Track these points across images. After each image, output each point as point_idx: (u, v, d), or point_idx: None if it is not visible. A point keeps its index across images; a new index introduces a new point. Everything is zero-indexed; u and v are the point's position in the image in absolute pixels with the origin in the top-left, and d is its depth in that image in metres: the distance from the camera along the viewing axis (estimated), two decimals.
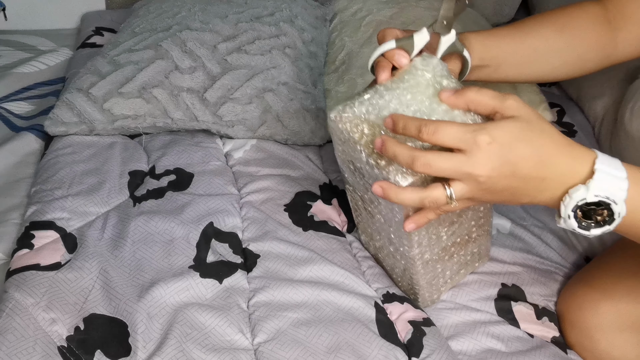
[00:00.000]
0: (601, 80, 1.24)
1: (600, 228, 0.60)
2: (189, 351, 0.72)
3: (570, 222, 0.60)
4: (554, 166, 0.59)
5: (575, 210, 0.59)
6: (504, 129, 0.57)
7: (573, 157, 0.59)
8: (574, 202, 0.58)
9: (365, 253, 0.90)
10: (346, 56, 1.22)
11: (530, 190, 0.60)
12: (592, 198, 0.57)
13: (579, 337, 0.80)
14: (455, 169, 0.58)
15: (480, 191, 0.60)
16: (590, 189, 0.57)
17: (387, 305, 0.82)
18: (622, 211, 0.58)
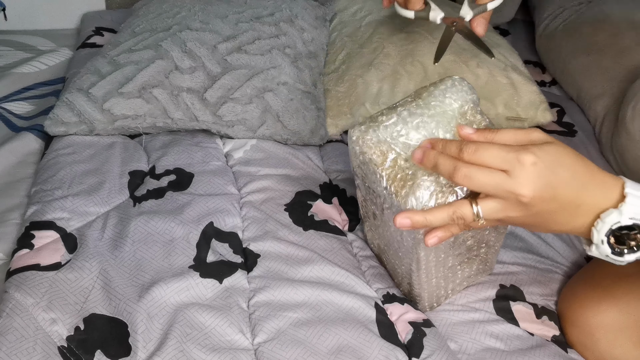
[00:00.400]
0: (602, 80, 1.24)
1: (634, 254, 0.59)
2: (189, 351, 0.72)
3: (604, 248, 0.59)
4: (590, 192, 0.58)
5: (608, 235, 0.58)
6: (546, 150, 0.57)
7: (604, 183, 0.59)
8: (607, 226, 0.58)
9: (366, 252, 0.90)
10: (346, 56, 1.22)
11: (565, 216, 0.59)
12: (627, 221, 0.57)
13: (579, 336, 0.80)
14: (497, 186, 0.57)
15: (515, 212, 0.59)
16: (624, 213, 0.57)
17: (387, 306, 0.82)
18: None
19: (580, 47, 1.31)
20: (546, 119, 1.18)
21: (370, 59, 1.18)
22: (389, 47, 1.19)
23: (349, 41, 1.25)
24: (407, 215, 0.61)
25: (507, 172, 0.57)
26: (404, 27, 1.23)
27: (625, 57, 1.23)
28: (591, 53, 1.29)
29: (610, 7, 1.34)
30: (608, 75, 1.23)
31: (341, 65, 1.21)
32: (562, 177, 0.57)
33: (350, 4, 1.36)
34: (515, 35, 1.56)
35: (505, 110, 1.15)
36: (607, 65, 1.24)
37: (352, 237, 0.92)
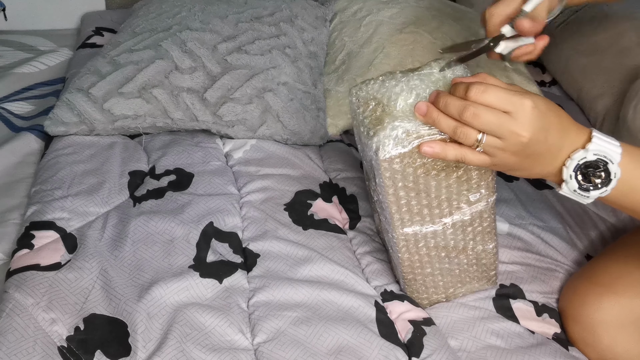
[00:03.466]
0: (601, 80, 1.24)
1: (598, 190, 0.65)
2: (189, 351, 0.72)
3: (572, 183, 0.65)
4: (569, 138, 0.65)
5: (576, 170, 0.65)
6: (539, 98, 0.64)
7: (579, 129, 0.66)
8: (575, 162, 0.65)
9: (365, 249, 0.90)
10: (346, 56, 1.22)
11: (549, 158, 0.66)
12: (591, 157, 0.64)
13: (581, 333, 0.80)
14: (501, 124, 0.63)
15: (512, 150, 0.64)
16: (590, 150, 0.64)
17: (387, 304, 0.82)
18: (617, 172, 0.65)
19: (581, 48, 1.31)
20: None
21: (370, 59, 1.18)
22: (389, 47, 1.19)
23: (349, 41, 1.25)
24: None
25: (509, 113, 0.62)
26: (403, 28, 1.23)
27: (626, 57, 1.23)
28: (591, 53, 1.29)
29: (611, 7, 1.34)
30: (608, 75, 1.23)
31: (341, 65, 1.21)
32: (553, 122, 0.64)
33: (350, 4, 1.36)
34: None
35: None
36: (608, 66, 1.24)
37: (351, 235, 0.92)
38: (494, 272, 0.85)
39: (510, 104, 0.62)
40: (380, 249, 0.90)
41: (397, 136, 0.67)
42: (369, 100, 0.72)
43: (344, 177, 1.03)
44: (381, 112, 0.70)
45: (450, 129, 0.65)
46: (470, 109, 0.63)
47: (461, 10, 1.35)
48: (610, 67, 1.24)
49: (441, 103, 0.65)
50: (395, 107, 0.70)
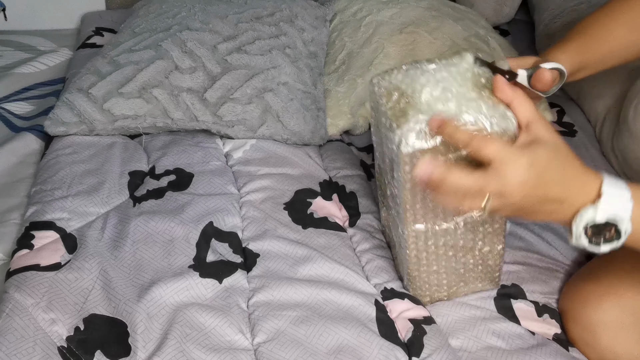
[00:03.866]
0: (602, 80, 1.24)
1: (609, 244, 0.64)
2: (189, 351, 0.72)
3: (582, 240, 0.64)
4: (573, 190, 0.64)
5: (585, 229, 0.64)
6: (540, 154, 0.63)
7: (586, 180, 0.64)
8: (584, 222, 0.63)
9: (365, 246, 0.89)
10: (346, 56, 1.22)
11: (549, 211, 0.65)
12: (600, 219, 0.63)
13: (581, 333, 0.80)
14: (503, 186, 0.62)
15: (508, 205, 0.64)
16: (599, 211, 0.62)
17: (387, 303, 0.81)
18: (627, 229, 0.63)
19: None
20: (546, 118, 1.18)
21: (370, 59, 1.18)
22: (389, 47, 1.19)
23: (349, 41, 1.25)
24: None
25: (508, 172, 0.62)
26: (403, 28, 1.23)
27: None
28: None
29: None
30: (608, 75, 1.23)
31: (341, 65, 1.21)
32: (552, 178, 0.63)
33: (350, 4, 1.36)
34: (515, 35, 1.56)
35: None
36: None
37: (352, 232, 0.92)
38: (498, 273, 0.85)
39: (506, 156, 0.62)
40: (380, 245, 0.90)
41: (420, 130, 0.66)
42: (392, 91, 0.71)
43: (344, 175, 1.03)
44: (405, 104, 0.69)
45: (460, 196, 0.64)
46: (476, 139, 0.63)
47: (461, 10, 1.36)
48: None
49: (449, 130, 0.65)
50: (420, 99, 0.68)
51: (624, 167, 1.12)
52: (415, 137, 0.66)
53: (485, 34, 1.27)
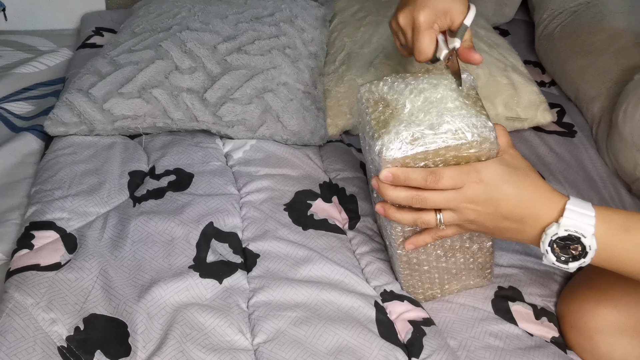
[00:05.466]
0: (598, 81, 1.24)
1: (577, 261, 0.67)
2: (189, 351, 0.72)
3: (550, 257, 0.68)
4: (532, 209, 0.67)
5: (551, 245, 0.67)
6: (493, 170, 0.67)
7: (550, 200, 0.67)
8: (549, 237, 0.67)
9: (365, 248, 0.90)
10: (346, 56, 1.22)
11: (511, 228, 0.69)
12: (563, 232, 0.66)
13: (579, 338, 0.80)
14: (448, 201, 0.68)
15: (467, 222, 0.69)
16: (561, 225, 0.66)
17: (386, 304, 0.82)
18: (592, 244, 0.66)
19: (578, 48, 1.31)
20: (546, 119, 1.18)
21: (370, 59, 1.18)
22: (389, 47, 1.19)
23: (349, 41, 1.25)
24: (383, 205, 0.72)
25: (458, 189, 0.67)
26: None
27: (623, 58, 1.23)
28: (588, 54, 1.28)
29: (609, 8, 1.34)
30: (604, 76, 1.23)
31: (341, 66, 1.21)
32: (505, 193, 0.67)
33: (350, 4, 1.36)
34: (515, 35, 1.56)
35: (505, 110, 1.15)
36: (604, 67, 1.24)
37: (351, 235, 0.92)
38: (489, 270, 0.85)
39: (459, 182, 0.67)
40: (380, 248, 0.90)
41: (401, 140, 0.68)
42: (377, 102, 0.73)
43: (344, 177, 1.03)
44: (388, 115, 0.71)
45: (411, 221, 0.71)
46: (416, 197, 0.68)
47: None
48: (606, 68, 1.24)
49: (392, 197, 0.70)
50: (402, 110, 0.71)
51: (617, 167, 1.12)
52: (396, 146, 0.68)
53: (485, 34, 1.27)
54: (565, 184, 1.08)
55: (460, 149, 0.68)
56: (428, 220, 0.70)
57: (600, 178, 1.12)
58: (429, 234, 0.74)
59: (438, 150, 0.68)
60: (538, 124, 1.19)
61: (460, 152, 0.68)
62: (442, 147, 0.68)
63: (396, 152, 0.68)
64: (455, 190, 0.67)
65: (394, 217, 0.72)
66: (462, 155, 0.69)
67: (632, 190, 1.10)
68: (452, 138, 0.68)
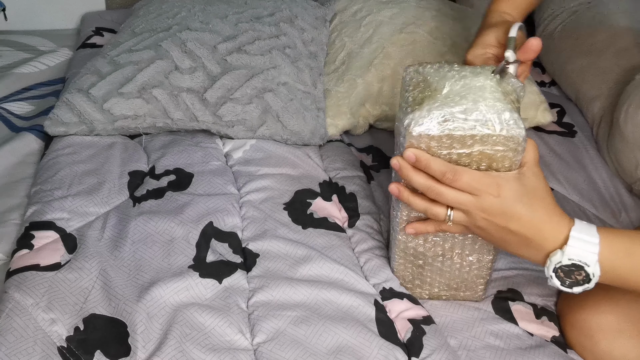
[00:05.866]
0: (598, 81, 1.24)
1: (581, 286, 0.69)
2: (189, 351, 0.72)
3: (554, 282, 0.69)
4: (541, 232, 0.69)
5: (555, 271, 0.69)
6: (511, 187, 0.68)
7: (558, 224, 0.69)
8: (553, 264, 0.68)
9: (364, 246, 0.90)
10: (346, 56, 1.22)
11: (516, 244, 0.70)
12: (567, 262, 0.67)
13: (579, 337, 0.80)
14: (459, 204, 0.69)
15: (475, 227, 0.71)
16: (565, 254, 0.67)
17: (386, 303, 0.82)
18: (595, 272, 0.67)
19: (579, 49, 1.31)
20: (546, 119, 1.18)
21: (370, 59, 1.18)
22: (389, 47, 1.19)
23: (349, 41, 1.25)
24: (398, 186, 0.73)
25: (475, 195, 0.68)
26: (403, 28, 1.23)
27: (623, 59, 1.23)
28: (589, 54, 1.28)
29: (609, 8, 1.34)
30: (605, 76, 1.23)
31: (341, 65, 1.21)
32: (518, 212, 0.68)
33: (350, 4, 1.36)
34: None
35: None
36: (605, 67, 1.24)
37: (351, 233, 0.92)
38: (483, 287, 0.84)
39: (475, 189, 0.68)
40: (379, 246, 0.90)
41: (431, 118, 0.69)
42: (420, 82, 0.74)
43: (344, 175, 1.03)
44: (426, 95, 0.71)
45: (421, 208, 0.72)
46: (433, 188, 0.69)
47: (461, 10, 1.36)
48: (607, 68, 1.24)
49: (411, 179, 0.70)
50: (440, 92, 0.71)
51: (617, 167, 1.12)
52: (425, 123, 0.68)
53: None
54: (565, 184, 1.08)
55: (487, 141, 0.68)
56: (438, 213, 0.71)
57: (600, 178, 1.11)
58: (432, 224, 0.75)
59: (464, 137, 0.67)
60: (538, 124, 1.19)
61: (486, 147, 0.68)
62: (468, 135, 0.67)
63: (423, 128, 0.68)
64: (471, 195, 0.68)
65: (407, 199, 0.73)
66: (487, 153, 0.68)
67: (632, 190, 1.10)
68: (480, 126, 0.67)
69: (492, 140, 0.67)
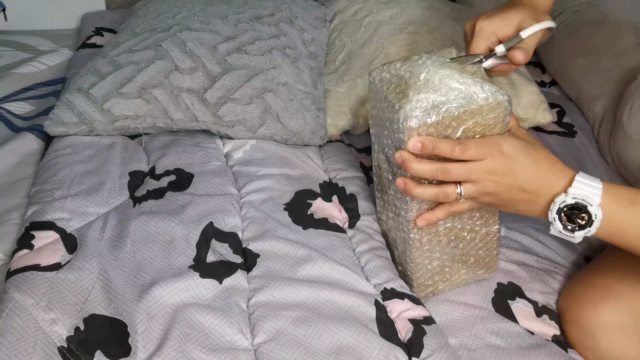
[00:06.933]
0: (600, 81, 1.24)
1: (583, 230, 0.70)
2: (189, 351, 0.72)
3: (556, 225, 0.71)
4: (546, 179, 0.71)
5: (559, 213, 0.70)
6: (512, 143, 0.71)
7: (562, 172, 0.71)
8: (557, 205, 0.70)
9: (365, 247, 0.90)
10: (346, 56, 1.22)
11: (524, 200, 0.72)
12: (570, 200, 0.69)
13: (580, 336, 0.81)
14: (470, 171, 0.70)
15: (484, 194, 0.72)
16: (569, 194, 0.69)
17: (387, 303, 0.82)
18: (598, 214, 0.69)
19: (579, 48, 1.31)
20: (546, 119, 1.18)
21: (370, 59, 1.18)
22: (389, 47, 1.19)
23: (349, 41, 1.26)
24: (405, 180, 0.74)
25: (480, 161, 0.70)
26: (403, 28, 1.23)
27: (624, 59, 1.23)
28: (590, 54, 1.28)
29: (609, 8, 1.34)
30: (606, 76, 1.23)
31: (341, 66, 1.21)
32: (524, 165, 0.70)
33: (350, 4, 1.36)
34: None
35: None
36: (606, 67, 1.24)
37: (351, 233, 0.92)
38: (495, 259, 0.87)
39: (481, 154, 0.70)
40: (380, 247, 0.90)
41: (422, 107, 0.70)
42: (391, 79, 0.75)
43: (344, 176, 1.03)
44: (405, 87, 0.73)
45: (432, 195, 0.73)
46: (441, 169, 0.71)
47: (461, 10, 1.36)
48: (608, 68, 1.24)
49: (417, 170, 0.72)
50: (418, 80, 0.73)
51: (620, 167, 1.12)
52: (418, 113, 0.70)
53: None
54: None
55: (479, 112, 0.71)
56: (448, 192, 0.72)
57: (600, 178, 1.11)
58: (442, 209, 0.76)
59: (459, 115, 0.71)
60: (538, 124, 1.19)
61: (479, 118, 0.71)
62: (462, 112, 0.70)
63: (420, 118, 0.70)
64: (477, 161, 0.70)
65: (415, 192, 0.73)
66: (482, 123, 0.72)
67: None
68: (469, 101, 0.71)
69: (485, 110, 0.71)
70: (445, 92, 0.71)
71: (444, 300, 0.85)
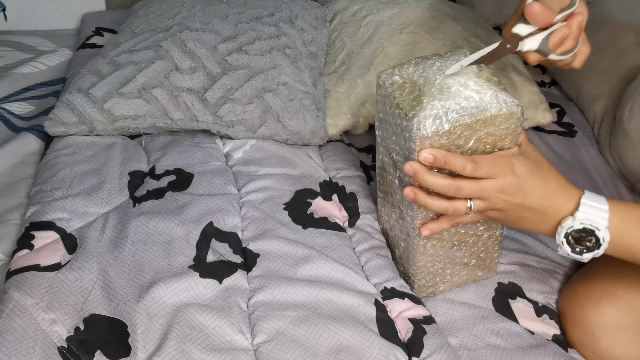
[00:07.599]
0: (600, 80, 1.24)
1: (591, 252, 0.71)
2: (189, 351, 0.72)
3: (565, 248, 0.71)
4: (554, 201, 0.71)
5: (567, 237, 0.71)
6: (522, 162, 0.71)
7: (568, 193, 0.71)
8: (565, 230, 0.71)
9: (365, 246, 0.90)
10: (346, 56, 1.22)
11: (531, 219, 0.72)
12: (578, 226, 0.70)
13: (580, 335, 0.81)
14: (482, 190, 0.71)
15: (493, 211, 0.72)
16: (577, 219, 0.70)
17: (387, 302, 0.82)
18: (606, 237, 0.69)
19: None
20: (546, 119, 1.18)
21: (370, 59, 1.18)
22: (389, 47, 1.19)
23: (349, 41, 1.25)
24: (414, 189, 0.73)
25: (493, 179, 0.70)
26: (403, 28, 1.23)
27: (625, 58, 1.23)
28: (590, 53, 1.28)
29: (610, 7, 1.34)
30: (607, 75, 1.23)
31: (341, 66, 1.21)
32: (533, 185, 0.70)
33: (350, 4, 1.36)
34: None
35: None
36: (606, 66, 1.24)
37: (351, 232, 0.92)
38: (495, 261, 0.87)
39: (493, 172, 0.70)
40: (380, 245, 0.90)
41: (437, 115, 0.70)
42: (404, 84, 0.74)
43: (344, 175, 1.03)
44: (418, 93, 0.72)
45: (441, 208, 0.73)
46: (453, 186, 0.70)
47: (461, 10, 1.36)
48: (609, 67, 1.24)
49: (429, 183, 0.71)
50: (432, 87, 0.72)
51: (620, 166, 1.12)
52: (432, 122, 0.69)
53: (485, 34, 1.27)
54: None
55: (492, 122, 0.70)
56: (458, 208, 0.72)
57: (601, 178, 1.12)
58: (447, 220, 0.76)
59: (472, 124, 0.70)
60: (538, 124, 1.18)
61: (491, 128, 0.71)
62: (475, 121, 0.70)
63: (434, 126, 0.69)
64: (489, 180, 0.70)
65: (424, 202, 0.73)
66: (494, 134, 0.71)
67: (634, 190, 1.10)
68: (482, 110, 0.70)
69: (498, 120, 0.70)
70: (460, 100, 0.70)
71: (444, 299, 0.85)
